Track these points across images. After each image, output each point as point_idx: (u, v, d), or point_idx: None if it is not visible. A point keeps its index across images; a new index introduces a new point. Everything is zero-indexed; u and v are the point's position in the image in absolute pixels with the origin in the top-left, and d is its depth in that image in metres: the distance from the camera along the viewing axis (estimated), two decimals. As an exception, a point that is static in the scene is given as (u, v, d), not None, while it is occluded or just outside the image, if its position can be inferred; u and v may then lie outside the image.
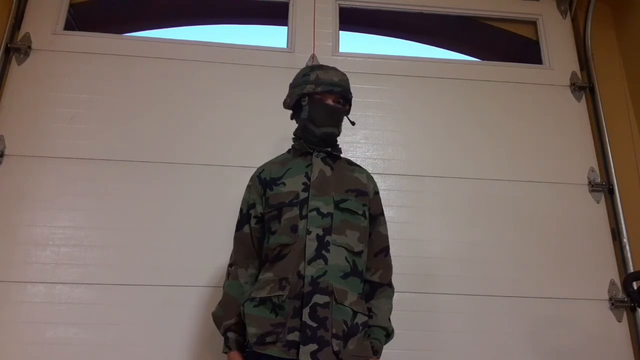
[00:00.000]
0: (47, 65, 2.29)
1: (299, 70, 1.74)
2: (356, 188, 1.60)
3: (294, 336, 1.38)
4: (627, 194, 2.34)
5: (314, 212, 1.50)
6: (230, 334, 1.50)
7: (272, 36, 2.71)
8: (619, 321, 2.16)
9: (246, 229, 1.61)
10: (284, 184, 1.58)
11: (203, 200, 2.16)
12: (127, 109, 2.27)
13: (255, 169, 1.70)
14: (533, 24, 2.73)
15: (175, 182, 2.17)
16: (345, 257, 1.49)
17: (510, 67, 2.58)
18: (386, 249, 1.63)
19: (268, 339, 1.40)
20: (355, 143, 2.34)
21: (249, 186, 1.68)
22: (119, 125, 2.23)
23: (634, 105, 2.49)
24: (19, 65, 2.28)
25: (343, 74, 1.67)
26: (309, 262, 1.44)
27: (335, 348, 1.38)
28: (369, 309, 1.53)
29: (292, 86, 1.69)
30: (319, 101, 1.60)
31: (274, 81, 2.36)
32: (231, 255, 1.62)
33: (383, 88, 2.45)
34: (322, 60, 2.43)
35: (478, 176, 2.33)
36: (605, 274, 2.23)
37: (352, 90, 1.68)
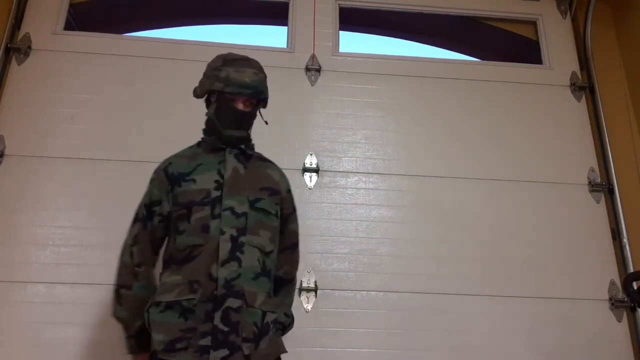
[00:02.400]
0: (47, 65, 2.29)
1: (299, 70, 1.74)
2: (269, 186, 1.55)
3: (206, 341, 1.34)
4: (627, 194, 2.34)
5: (228, 212, 1.44)
6: (144, 335, 1.44)
7: (272, 36, 2.70)
8: (619, 321, 2.16)
9: (149, 226, 1.51)
10: (194, 180, 1.49)
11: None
12: (127, 109, 2.27)
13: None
14: (533, 24, 2.73)
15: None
16: (258, 258, 1.45)
17: (510, 67, 2.58)
18: (294, 245, 1.65)
19: (178, 345, 1.34)
20: (355, 143, 2.34)
21: (152, 179, 1.57)
22: (119, 125, 2.23)
23: (634, 105, 2.49)
24: (19, 65, 2.28)
25: (258, 71, 1.56)
26: (222, 264, 1.39)
27: (246, 352, 1.36)
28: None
29: (204, 75, 1.61)
30: (228, 102, 1.52)
31: (274, 81, 2.34)
32: (130, 253, 1.50)
33: (383, 88, 2.45)
34: (322, 61, 2.43)
35: (478, 176, 2.33)
36: (605, 274, 2.23)
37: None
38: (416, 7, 2.64)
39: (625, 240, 2.25)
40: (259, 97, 1.56)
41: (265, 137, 2.30)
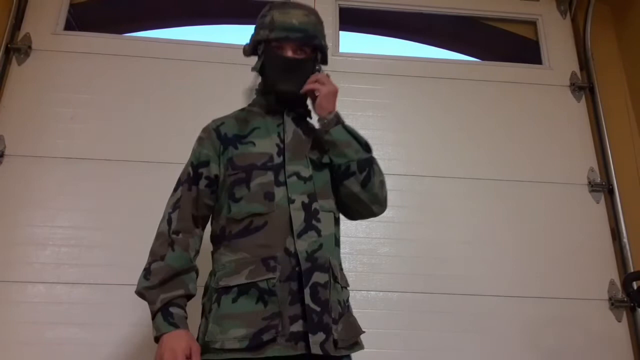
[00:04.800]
0: (47, 65, 2.29)
1: None
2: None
3: (298, 326, 1.14)
4: (627, 194, 2.34)
5: (294, 178, 1.28)
6: (175, 309, 1.19)
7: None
8: (619, 321, 2.16)
9: (193, 190, 1.32)
10: (252, 143, 1.32)
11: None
12: (127, 109, 2.27)
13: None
14: (533, 24, 2.73)
15: (175, 182, 2.16)
16: (333, 226, 1.31)
17: (510, 67, 2.58)
18: None
19: (266, 337, 1.12)
20: (355, 143, 2.33)
21: (200, 138, 1.39)
22: (119, 125, 2.23)
23: (634, 105, 2.49)
24: (19, 65, 2.28)
25: (309, 13, 1.35)
26: (299, 236, 1.21)
27: (335, 335, 1.17)
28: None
29: (254, 29, 1.41)
30: (274, 51, 1.32)
31: (274, 81, 2.35)
32: (169, 219, 1.30)
33: (383, 88, 2.45)
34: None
35: (478, 176, 2.33)
36: (605, 274, 2.23)
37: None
38: (416, 7, 2.64)
39: (625, 240, 2.25)
40: (311, 43, 1.33)
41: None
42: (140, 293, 1.23)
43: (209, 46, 2.44)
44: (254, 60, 1.39)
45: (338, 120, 1.35)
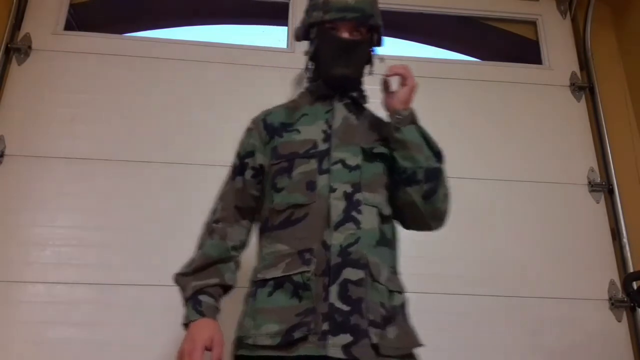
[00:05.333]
0: (47, 65, 2.29)
1: (299, 70, 1.70)
2: (388, 138, 1.28)
3: (327, 325, 1.06)
4: (627, 194, 2.34)
5: (339, 165, 1.20)
6: (205, 298, 1.17)
7: (272, 36, 2.71)
8: (619, 321, 2.16)
9: (238, 181, 1.30)
10: (297, 131, 1.27)
11: (202, 200, 2.15)
12: (127, 109, 2.26)
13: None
14: (533, 24, 2.73)
15: (175, 182, 2.17)
16: (377, 222, 1.20)
17: (509, 67, 2.58)
18: None
19: (297, 335, 1.05)
20: (355, 143, 2.33)
21: (249, 129, 1.36)
22: (119, 126, 2.23)
23: (634, 105, 2.49)
24: (19, 65, 2.27)
25: None
26: (336, 228, 1.13)
27: (374, 340, 1.07)
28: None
29: (304, 14, 1.34)
30: (329, 33, 1.25)
31: (274, 81, 2.35)
32: (214, 210, 1.30)
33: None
34: (322, 60, 2.42)
35: (478, 176, 2.33)
36: (605, 274, 2.23)
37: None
38: (416, 7, 2.64)
39: (625, 240, 2.25)
40: (368, 22, 1.26)
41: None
42: (175, 280, 1.23)
43: (210, 46, 2.44)
44: (252, 59, 1.39)
45: (413, 118, 1.27)
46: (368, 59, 1.35)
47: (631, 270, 2.18)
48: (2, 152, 2.12)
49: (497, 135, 2.42)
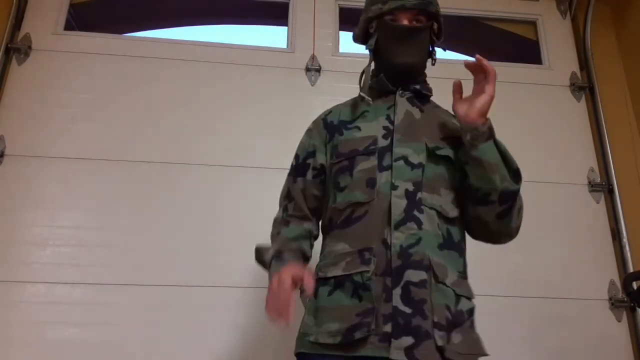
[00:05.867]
0: (47, 65, 2.29)
1: (299, 70, 1.68)
2: (454, 136, 1.24)
3: (389, 327, 1.03)
4: (627, 194, 2.34)
5: (401, 162, 1.16)
6: (288, 254, 1.19)
7: (272, 36, 2.71)
8: (619, 321, 2.16)
9: (300, 182, 1.29)
10: (358, 128, 1.24)
11: (201, 200, 2.15)
12: (127, 109, 2.27)
13: (255, 169, 1.61)
14: (533, 24, 2.73)
15: (174, 182, 2.17)
16: (437, 224, 1.14)
17: (509, 67, 2.58)
18: None
19: (358, 335, 1.03)
20: (355, 143, 2.33)
21: (309, 130, 1.34)
22: (119, 126, 2.23)
23: (634, 105, 2.49)
24: (19, 65, 2.28)
25: None
26: (396, 227, 1.10)
27: (439, 342, 1.03)
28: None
29: (362, 14, 1.33)
30: (389, 24, 1.24)
31: (274, 81, 2.36)
32: (285, 207, 1.31)
33: (383, 88, 2.45)
34: (322, 61, 2.43)
35: (478, 176, 2.33)
36: (605, 274, 2.23)
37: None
38: (416, 7, 2.64)
39: (625, 240, 2.25)
40: (427, 10, 1.27)
41: (265, 137, 2.31)
42: (255, 256, 1.27)
43: (210, 46, 2.44)
44: (252, 59, 1.38)
45: (491, 133, 1.20)
46: (430, 51, 1.33)
47: (631, 270, 2.18)
48: (2, 152, 2.12)
49: (497, 135, 2.41)
